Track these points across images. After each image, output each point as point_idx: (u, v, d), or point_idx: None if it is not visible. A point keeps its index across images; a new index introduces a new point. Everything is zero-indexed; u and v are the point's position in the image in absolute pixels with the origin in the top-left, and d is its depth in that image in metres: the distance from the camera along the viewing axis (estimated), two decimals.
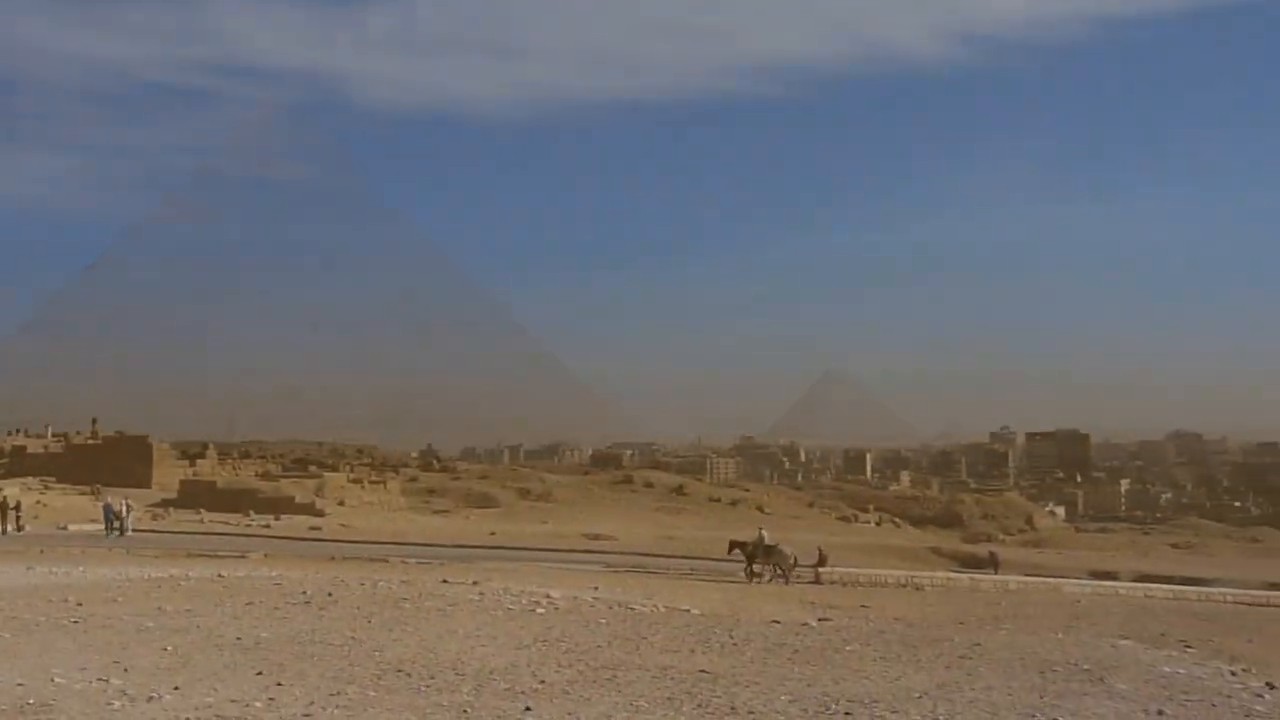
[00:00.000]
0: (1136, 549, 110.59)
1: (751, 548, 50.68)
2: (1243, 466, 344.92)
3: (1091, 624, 36.07)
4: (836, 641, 27.68)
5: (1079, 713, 18.77)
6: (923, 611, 37.83)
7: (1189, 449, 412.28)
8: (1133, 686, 22.90)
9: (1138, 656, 28.21)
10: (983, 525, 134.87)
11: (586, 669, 21.51)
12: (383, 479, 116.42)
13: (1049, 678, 23.41)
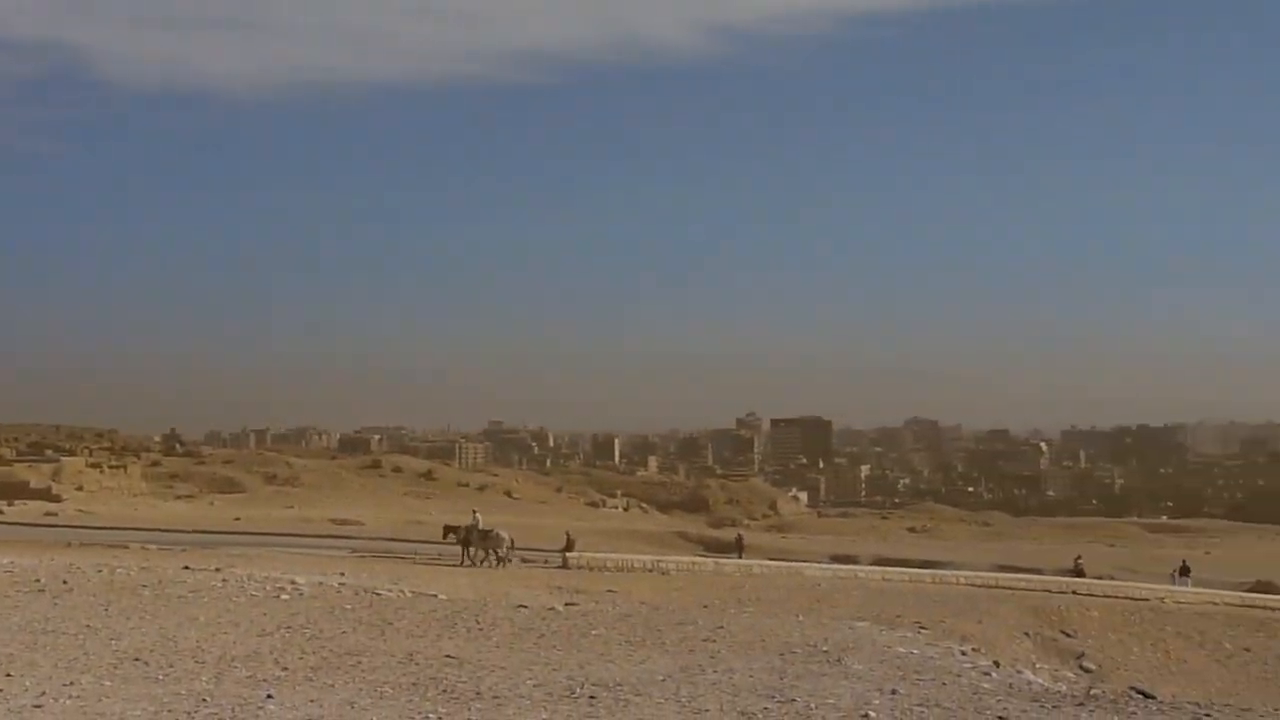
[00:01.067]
0: (876, 533, 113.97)
1: (465, 532, 50.66)
2: (976, 453, 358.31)
3: (831, 606, 37.04)
4: (583, 626, 27.86)
5: (816, 693, 19.22)
6: (668, 595, 38.35)
7: (926, 436, 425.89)
8: (868, 667, 23.58)
9: (874, 638, 29.07)
10: (728, 510, 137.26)
11: (331, 655, 21.24)
12: (123, 463, 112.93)
13: (789, 659, 23.95)
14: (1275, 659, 42.24)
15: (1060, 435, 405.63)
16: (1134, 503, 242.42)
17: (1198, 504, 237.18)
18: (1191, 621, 44.68)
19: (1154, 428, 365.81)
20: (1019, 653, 34.47)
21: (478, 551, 49.91)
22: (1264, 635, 44.88)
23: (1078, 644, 38.58)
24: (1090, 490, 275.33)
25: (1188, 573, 63.00)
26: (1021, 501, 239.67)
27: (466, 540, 50.24)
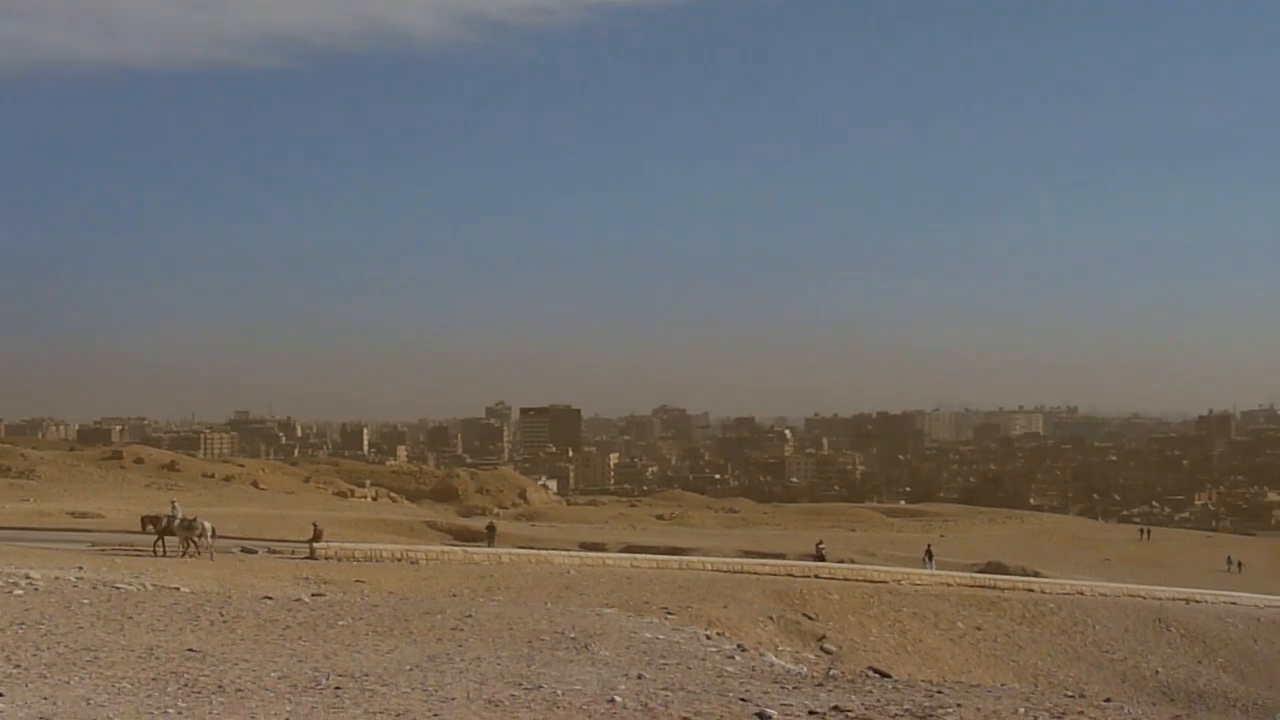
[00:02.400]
0: (624, 521, 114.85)
1: (166, 522, 49.52)
2: (723, 441, 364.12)
3: (580, 594, 37.29)
4: (329, 616, 27.54)
5: (563, 679, 19.37)
6: (417, 585, 38.13)
7: (674, 424, 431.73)
8: (615, 652, 23.84)
9: (621, 624, 29.38)
10: (478, 499, 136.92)
11: (67, 651, 20.58)
12: None
13: (536, 646, 24.07)
14: (1005, 637, 44.02)
15: (804, 423, 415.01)
16: (874, 488, 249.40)
17: (933, 489, 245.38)
18: (927, 603, 46.20)
19: (893, 415, 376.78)
20: (763, 636, 35.19)
21: (181, 542, 48.47)
22: (994, 614, 46.69)
23: (819, 626, 39.54)
24: (832, 477, 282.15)
25: (932, 556, 65.54)
26: (766, 488, 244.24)
27: (166, 529, 48.83)
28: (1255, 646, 49.27)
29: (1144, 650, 46.13)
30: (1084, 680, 40.30)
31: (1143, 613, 51.44)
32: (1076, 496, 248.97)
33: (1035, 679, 39.16)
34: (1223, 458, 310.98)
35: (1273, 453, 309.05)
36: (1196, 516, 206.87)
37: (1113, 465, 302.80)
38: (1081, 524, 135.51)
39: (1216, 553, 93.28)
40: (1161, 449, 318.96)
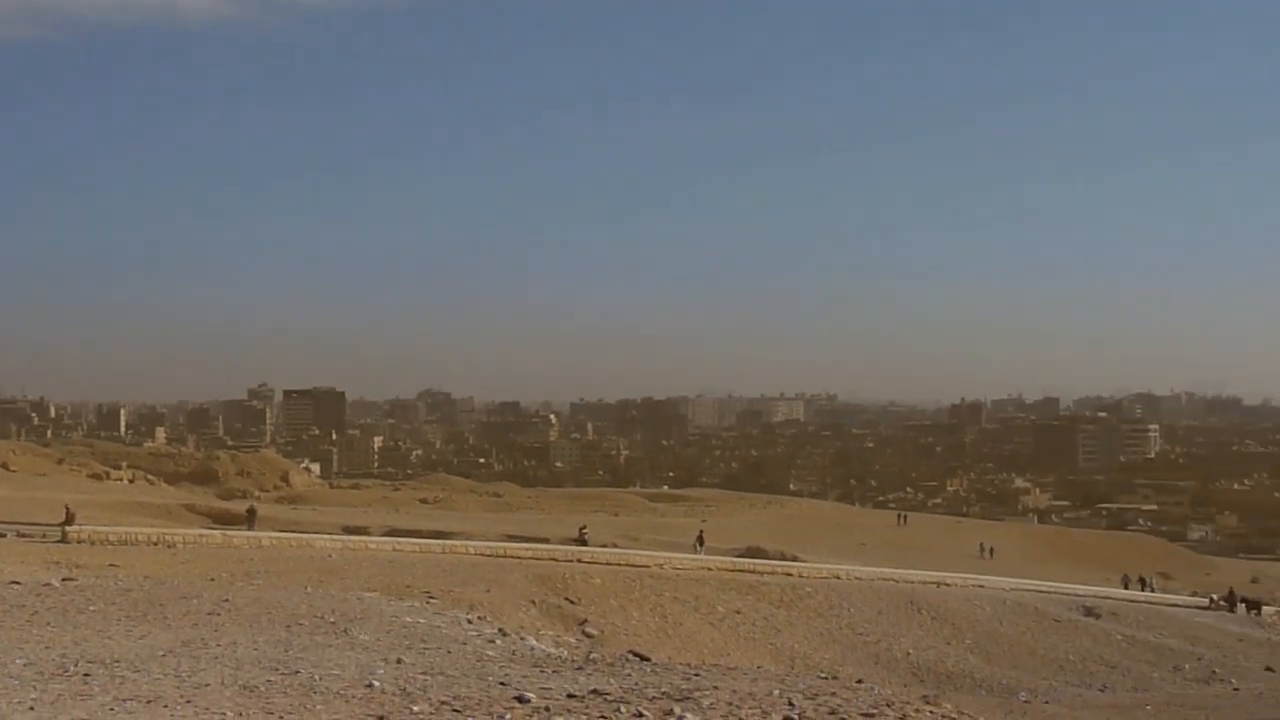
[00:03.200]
0: (388, 504, 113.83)
1: None
2: (488, 425, 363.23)
3: (341, 578, 36.87)
4: (80, 601, 26.79)
5: (321, 664, 19.18)
6: (173, 569, 37.26)
7: (439, 408, 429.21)
8: (375, 637, 23.68)
9: (382, 608, 29.17)
10: (239, 482, 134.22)
11: None
12: None
13: (295, 631, 23.76)
14: (763, 620, 44.87)
15: (569, 408, 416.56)
16: (637, 473, 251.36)
17: (696, 474, 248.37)
18: (688, 586, 46.83)
19: (657, 401, 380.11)
20: (524, 620, 35.25)
21: None
22: (753, 598, 47.55)
23: (581, 610, 39.78)
24: (597, 462, 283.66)
25: (703, 542, 66.46)
26: (531, 473, 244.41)
27: None
28: (1001, 628, 51.08)
29: (896, 633, 47.46)
30: (839, 662, 41.29)
31: (896, 596, 52.94)
32: (835, 482, 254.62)
33: (792, 661, 39.98)
34: (974, 445, 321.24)
35: (1021, 441, 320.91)
36: (949, 502, 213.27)
37: (870, 452, 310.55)
38: (839, 509, 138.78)
39: (968, 538, 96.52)
40: (916, 436, 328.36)
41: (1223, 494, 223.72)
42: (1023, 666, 46.06)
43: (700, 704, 16.38)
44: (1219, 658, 52.81)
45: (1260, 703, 38.83)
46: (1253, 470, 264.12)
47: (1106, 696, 40.95)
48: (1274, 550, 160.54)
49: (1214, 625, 61.35)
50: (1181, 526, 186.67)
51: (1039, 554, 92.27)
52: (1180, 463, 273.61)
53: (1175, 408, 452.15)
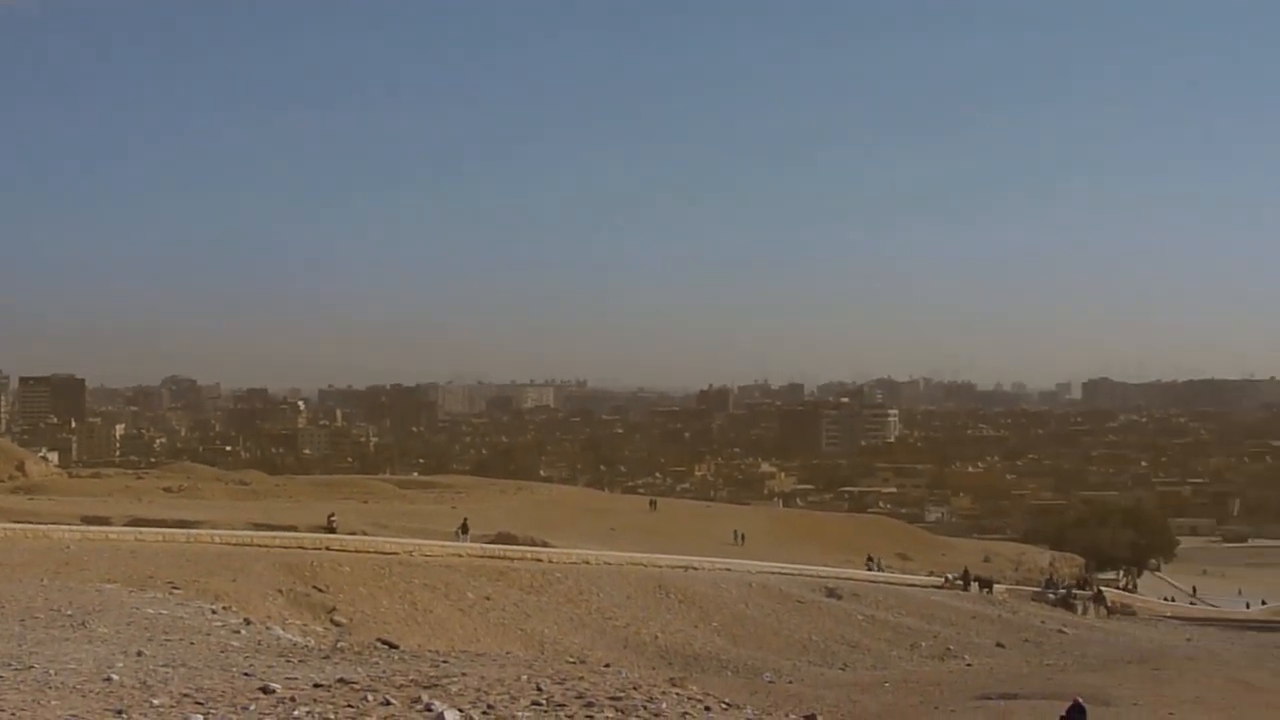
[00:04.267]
0: (130, 493, 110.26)
1: None
2: (234, 412, 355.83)
3: (80, 569, 35.78)
4: None
5: (57, 658, 18.60)
6: None
7: (184, 395, 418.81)
8: (115, 629, 23.05)
9: (123, 600, 28.42)
10: None
11: None
12: None
13: (29, 625, 22.99)
14: (513, 606, 44.94)
15: (318, 395, 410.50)
16: (387, 460, 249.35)
17: (446, 460, 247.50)
18: (438, 573, 46.63)
19: (407, 388, 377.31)
20: (271, 609, 34.72)
21: None
22: (503, 584, 47.60)
23: (330, 599, 39.34)
24: (346, 449, 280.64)
25: (467, 530, 66.05)
26: (279, 460, 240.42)
27: None
28: (747, 610, 52.09)
29: (645, 616, 48.00)
30: (588, 646, 41.60)
31: (645, 580, 53.55)
32: (585, 468, 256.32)
33: (542, 646, 40.16)
34: (721, 431, 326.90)
35: (766, 426, 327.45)
36: (697, 487, 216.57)
37: (620, 438, 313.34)
38: (590, 495, 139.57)
39: (716, 522, 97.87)
40: (665, 422, 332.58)
41: (958, 476, 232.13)
42: (768, 647, 47.04)
43: (448, 691, 16.37)
44: (954, 635, 54.76)
45: (992, 677, 40.34)
46: (986, 453, 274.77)
47: (848, 675, 42.09)
48: (1005, 530, 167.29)
49: (949, 604, 63.57)
50: (919, 508, 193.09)
51: (784, 537, 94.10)
52: (918, 446, 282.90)
53: (914, 393, 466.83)
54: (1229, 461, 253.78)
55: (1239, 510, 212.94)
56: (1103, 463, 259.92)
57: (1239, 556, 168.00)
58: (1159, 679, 39.55)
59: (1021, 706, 30.77)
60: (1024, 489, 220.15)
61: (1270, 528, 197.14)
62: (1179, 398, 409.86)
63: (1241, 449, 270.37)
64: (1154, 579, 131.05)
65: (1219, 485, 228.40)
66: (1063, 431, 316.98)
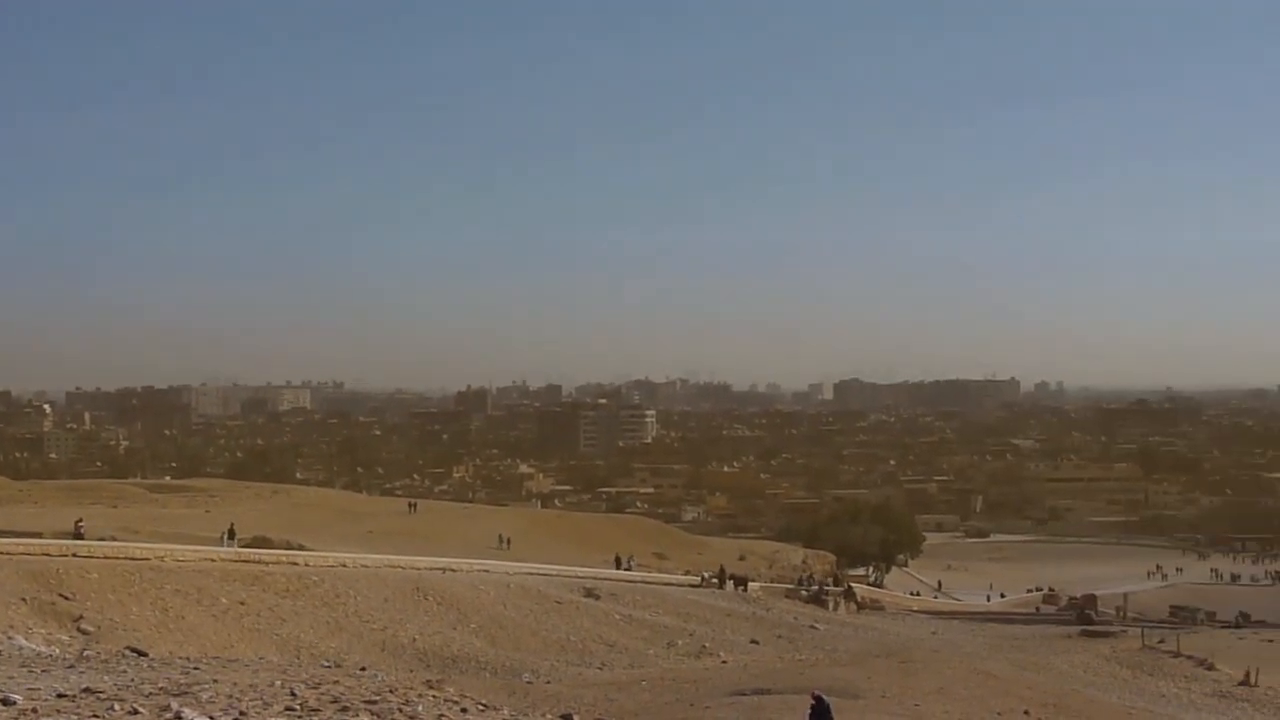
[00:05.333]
0: None
1: None
2: None
3: None
4: None
5: None
6: None
7: None
8: None
9: None
10: None
11: None
12: None
13: None
14: (268, 611, 44.18)
15: (65, 397, 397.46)
16: (138, 464, 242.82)
17: (200, 464, 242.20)
18: (190, 579, 45.59)
19: (159, 390, 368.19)
20: (14, 619, 33.61)
21: None
22: (258, 589, 46.77)
23: (76, 606, 38.16)
24: (95, 452, 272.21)
25: (234, 535, 64.53)
26: (23, 465, 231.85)
27: None
28: (505, 611, 52.15)
29: (403, 619, 47.67)
30: (345, 650, 41.15)
31: (403, 583, 53.17)
32: (342, 470, 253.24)
33: (298, 651, 39.59)
34: (479, 432, 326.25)
35: (525, 427, 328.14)
36: (455, 489, 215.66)
37: (377, 439, 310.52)
38: (347, 497, 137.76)
39: (476, 524, 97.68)
40: (423, 424, 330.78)
41: (714, 476, 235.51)
42: (526, 648, 47.16)
43: (199, 698, 16.11)
44: (710, 632, 55.68)
45: (746, 673, 41.09)
46: (741, 453, 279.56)
47: (605, 674, 42.43)
48: (760, 529, 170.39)
49: (705, 602, 64.62)
50: (676, 508, 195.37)
51: (542, 538, 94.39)
52: (675, 447, 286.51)
53: (671, 394, 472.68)
54: (972, 460, 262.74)
55: (981, 507, 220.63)
56: (853, 461, 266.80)
57: (981, 551, 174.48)
58: (906, 671, 40.74)
59: (774, 701, 31.38)
60: (778, 488, 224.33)
61: (1009, 523, 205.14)
62: (926, 398, 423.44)
63: (983, 447, 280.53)
64: (902, 574, 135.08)
65: (962, 483, 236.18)
66: (815, 431, 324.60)
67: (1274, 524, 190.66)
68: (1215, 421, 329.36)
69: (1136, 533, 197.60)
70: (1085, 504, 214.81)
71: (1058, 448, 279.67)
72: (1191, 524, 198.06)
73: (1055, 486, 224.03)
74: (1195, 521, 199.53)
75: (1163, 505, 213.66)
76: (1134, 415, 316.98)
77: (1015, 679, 43.00)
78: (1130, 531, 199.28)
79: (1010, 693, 38.36)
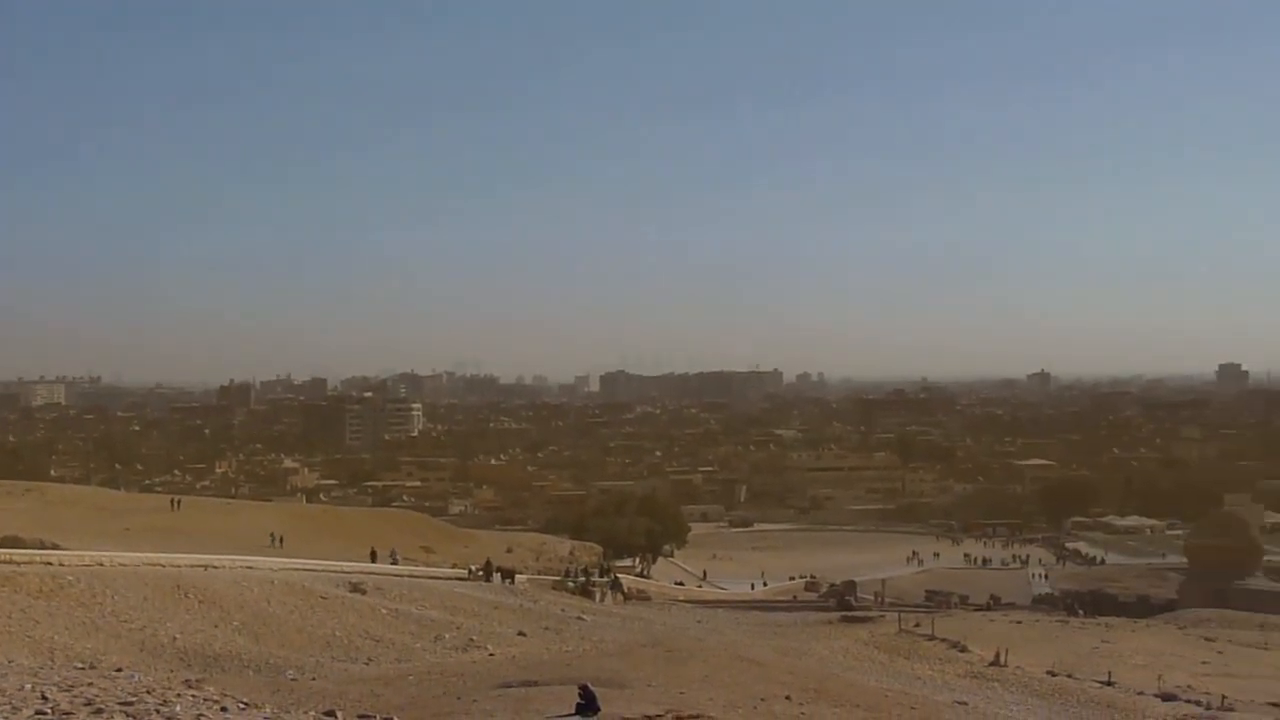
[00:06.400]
0: None
1: None
2: None
3: None
4: None
5: None
6: None
7: None
8: None
9: None
10: None
11: None
12: None
13: None
14: (20, 613, 42.75)
15: None
16: None
17: None
18: None
19: None
20: None
21: None
22: (8, 590, 45.15)
23: None
24: None
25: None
26: None
27: None
28: (269, 608, 51.33)
29: (163, 618, 46.58)
30: (101, 651, 40.05)
31: (162, 581, 51.95)
32: (99, 467, 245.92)
33: (51, 653, 38.40)
34: (243, 426, 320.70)
35: (289, 421, 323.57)
36: (218, 484, 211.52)
37: (136, 435, 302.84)
38: (104, 494, 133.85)
39: (240, 520, 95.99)
40: (184, 419, 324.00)
41: (480, 469, 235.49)
42: (291, 645, 46.51)
43: None
44: (477, 625, 55.65)
45: (514, 665, 41.21)
46: (508, 446, 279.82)
47: (371, 669, 42.12)
48: (527, 521, 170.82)
49: (472, 595, 64.55)
50: (443, 501, 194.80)
51: (307, 533, 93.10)
52: (442, 440, 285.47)
53: (437, 387, 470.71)
54: (736, 450, 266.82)
55: (745, 496, 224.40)
56: (620, 453, 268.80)
57: (745, 541, 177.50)
58: (672, 660, 41.32)
59: (541, 693, 31.54)
60: (545, 480, 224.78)
61: (773, 512, 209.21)
62: (691, 390, 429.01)
63: (747, 438, 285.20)
64: (668, 565, 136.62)
65: (727, 473, 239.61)
66: (582, 424, 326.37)
67: (1023, 509, 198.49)
68: (968, 411, 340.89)
69: (894, 520, 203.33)
70: (845, 492, 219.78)
71: (819, 437, 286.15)
72: (946, 511, 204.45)
73: (817, 475, 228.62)
74: (949, 508, 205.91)
75: (919, 493, 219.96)
76: (892, 405, 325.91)
77: (777, 665, 43.93)
78: (888, 519, 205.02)
79: (772, 678, 39.18)
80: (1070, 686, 49.73)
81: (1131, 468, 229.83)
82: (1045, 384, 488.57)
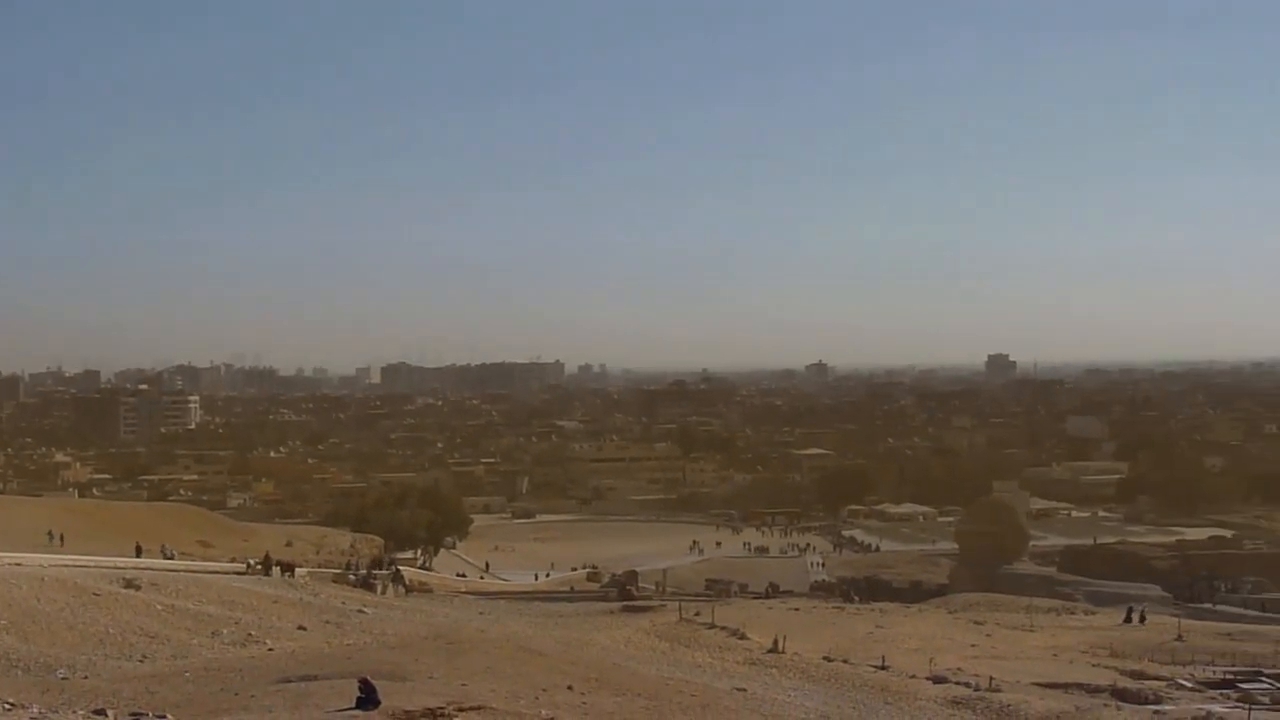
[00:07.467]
0: None
1: None
2: None
3: None
4: None
5: None
6: None
7: None
8: None
9: None
10: None
11: None
12: None
13: None
14: None
15: None
16: None
17: None
18: None
19: None
20: None
21: None
22: None
23: None
24: None
25: None
26: None
27: None
28: (39, 605, 50.02)
29: None
30: None
31: None
32: None
33: None
34: (11, 420, 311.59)
35: (61, 414, 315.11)
36: None
37: None
38: None
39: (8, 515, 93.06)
40: None
41: (260, 462, 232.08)
42: (62, 643, 45.41)
43: None
44: (255, 620, 54.94)
45: (293, 660, 40.89)
46: (288, 438, 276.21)
47: (146, 666, 41.38)
48: (307, 514, 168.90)
49: (251, 589, 63.66)
50: (222, 495, 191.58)
51: (82, 529, 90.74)
52: (220, 433, 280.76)
53: (215, 379, 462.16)
54: (518, 441, 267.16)
55: (527, 488, 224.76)
56: (401, 445, 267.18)
57: (528, 532, 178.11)
58: (453, 652, 41.41)
59: (321, 687, 31.42)
60: (325, 473, 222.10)
61: (555, 503, 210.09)
62: (472, 381, 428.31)
63: (529, 429, 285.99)
64: (450, 557, 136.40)
65: (509, 464, 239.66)
66: (363, 415, 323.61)
67: (801, 498, 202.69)
68: (747, 401, 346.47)
69: (676, 510, 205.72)
70: (627, 483, 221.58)
71: (601, 428, 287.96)
72: (726, 500, 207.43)
73: (598, 466, 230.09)
74: (729, 498, 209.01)
75: (700, 483, 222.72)
76: (673, 396, 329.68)
77: (560, 655, 44.34)
78: (670, 509, 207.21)
79: (555, 669, 39.59)
80: (846, 671, 50.97)
81: (905, 456, 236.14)
82: (823, 375, 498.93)
